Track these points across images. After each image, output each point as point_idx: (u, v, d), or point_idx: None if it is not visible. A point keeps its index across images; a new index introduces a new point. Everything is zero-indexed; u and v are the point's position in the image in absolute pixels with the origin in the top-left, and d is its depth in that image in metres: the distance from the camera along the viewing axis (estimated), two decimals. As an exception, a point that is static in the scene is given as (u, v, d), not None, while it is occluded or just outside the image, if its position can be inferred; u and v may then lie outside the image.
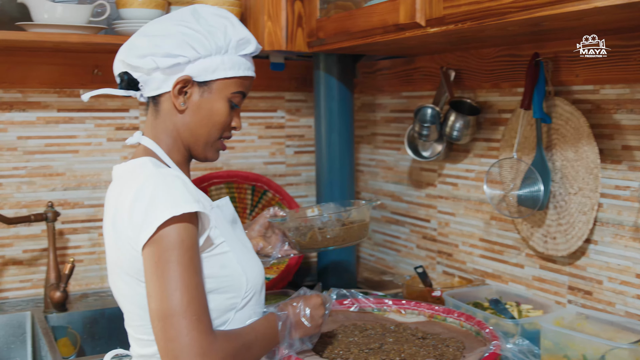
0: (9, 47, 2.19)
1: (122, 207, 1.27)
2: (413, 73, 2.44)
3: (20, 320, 2.18)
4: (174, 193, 1.23)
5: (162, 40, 1.32)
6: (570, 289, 1.90)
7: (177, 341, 1.17)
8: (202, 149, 1.41)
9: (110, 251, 1.34)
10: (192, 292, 1.20)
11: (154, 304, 1.20)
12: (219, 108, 1.37)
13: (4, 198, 2.32)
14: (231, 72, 1.36)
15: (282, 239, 1.72)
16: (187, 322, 1.18)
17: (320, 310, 1.46)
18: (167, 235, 1.20)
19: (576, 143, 1.81)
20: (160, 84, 1.35)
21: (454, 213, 2.30)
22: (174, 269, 1.20)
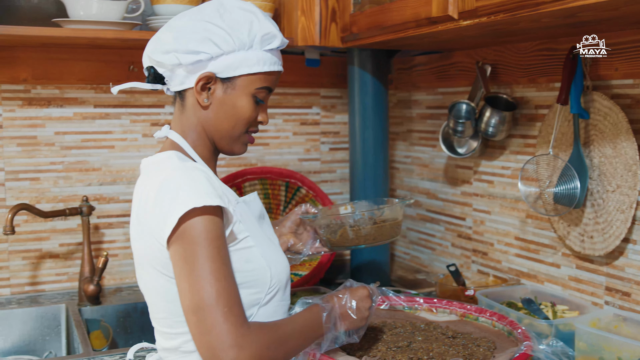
0: (46, 43, 2.22)
1: (147, 200, 1.28)
2: (449, 68, 2.40)
3: (55, 312, 2.22)
4: (196, 186, 1.23)
5: (185, 36, 1.32)
6: (607, 290, 1.84)
7: (211, 333, 1.17)
8: (227, 144, 1.40)
9: (135, 243, 1.35)
10: (222, 283, 1.20)
11: (185, 299, 1.20)
12: (243, 104, 1.36)
13: (41, 192, 2.36)
14: (255, 67, 1.34)
15: (313, 236, 1.70)
16: (219, 313, 1.17)
17: (367, 302, 1.43)
18: (192, 229, 1.20)
19: (614, 139, 1.75)
20: (183, 79, 1.35)
21: (489, 211, 2.26)
22: (202, 262, 1.19)
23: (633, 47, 1.73)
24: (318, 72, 2.73)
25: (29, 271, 2.36)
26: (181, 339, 1.32)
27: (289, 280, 1.44)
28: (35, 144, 2.34)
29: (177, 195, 1.22)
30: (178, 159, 1.32)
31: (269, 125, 2.67)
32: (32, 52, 2.30)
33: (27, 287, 2.36)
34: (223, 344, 1.16)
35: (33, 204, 2.33)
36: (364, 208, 1.80)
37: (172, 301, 1.30)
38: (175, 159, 1.31)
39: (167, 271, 1.28)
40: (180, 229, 1.21)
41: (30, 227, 2.35)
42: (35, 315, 2.20)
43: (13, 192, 2.32)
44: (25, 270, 2.36)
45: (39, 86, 2.34)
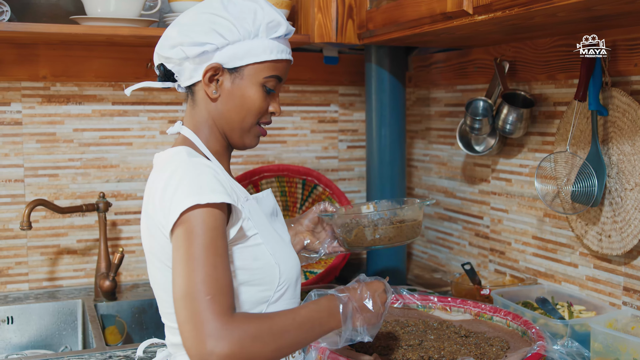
0: (65, 41, 2.24)
1: (154, 195, 1.28)
2: (467, 65, 2.38)
3: (71, 307, 2.23)
4: (201, 181, 1.22)
5: (191, 29, 1.32)
6: (625, 290, 1.81)
7: (192, 321, 1.13)
8: (238, 136, 1.39)
9: (145, 238, 1.35)
10: (210, 271, 1.16)
11: (175, 286, 1.18)
12: (252, 94, 1.35)
13: (59, 189, 2.38)
14: (262, 56, 1.33)
15: (331, 235, 1.67)
16: (201, 302, 1.13)
17: (383, 296, 1.36)
18: (190, 220, 1.19)
19: (633, 136, 1.71)
20: (191, 73, 1.34)
21: (507, 210, 2.23)
22: (194, 250, 1.17)
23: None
24: (336, 69, 2.72)
25: (47, 267, 2.38)
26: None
27: (299, 278, 1.42)
28: (54, 140, 2.36)
29: (181, 191, 1.21)
30: (187, 154, 1.31)
31: (287, 122, 2.66)
32: (52, 50, 2.33)
33: (45, 283, 2.38)
34: (201, 334, 1.11)
35: (51, 200, 2.35)
36: (385, 208, 1.76)
37: None
38: (184, 154, 1.30)
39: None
40: (180, 220, 1.20)
41: (48, 223, 2.37)
42: (52, 310, 2.22)
43: (32, 188, 2.34)
44: (44, 265, 2.38)
45: (58, 83, 2.36)
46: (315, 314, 1.26)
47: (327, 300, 1.29)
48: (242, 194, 1.37)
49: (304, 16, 2.25)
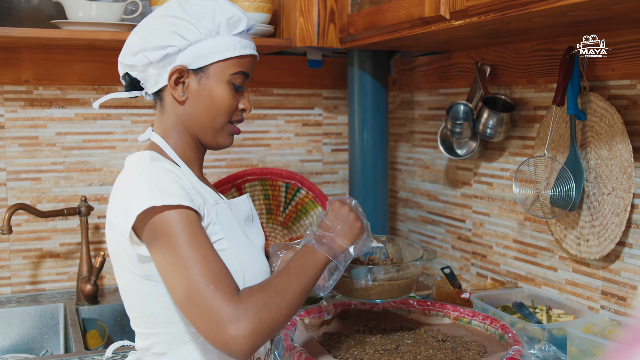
0: (47, 45, 2.24)
1: (116, 198, 1.28)
2: (449, 69, 2.38)
3: (53, 311, 2.23)
4: (159, 185, 1.22)
5: (151, 34, 1.31)
6: (603, 294, 1.81)
7: (205, 316, 1.16)
8: (211, 137, 1.37)
9: (108, 240, 1.34)
10: (203, 264, 1.18)
11: (175, 292, 1.20)
12: (220, 92, 1.34)
13: (42, 192, 2.37)
14: (226, 53, 1.32)
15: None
16: (207, 295, 1.16)
17: (344, 208, 1.41)
18: (161, 224, 1.20)
19: (610, 141, 1.72)
20: (156, 78, 1.33)
21: (488, 213, 2.24)
22: (179, 251, 1.18)
23: (630, 47, 1.70)
24: (320, 73, 2.72)
25: (29, 270, 2.38)
26: (153, 340, 1.32)
27: None
28: (37, 144, 2.36)
29: (140, 194, 1.21)
30: (150, 158, 1.30)
31: (271, 126, 2.67)
32: (34, 54, 2.32)
33: (28, 286, 2.38)
34: (218, 323, 1.15)
35: (34, 204, 2.35)
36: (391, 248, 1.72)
37: (141, 300, 1.29)
38: (147, 158, 1.29)
39: (136, 269, 1.28)
40: (150, 227, 1.20)
41: (31, 226, 2.37)
42: (34, 314, 2.22)
43: (14, 192, 2.34)
44: (26, 269, 2.38)
45: (41, 87, 2.35)
46: (301, 261, 1.31)
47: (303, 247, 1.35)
48: (211, 197, 1.36)
49: (285, 20, 2.25)
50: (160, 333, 1.30)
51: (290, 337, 1.60)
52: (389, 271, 1.59)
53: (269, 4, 2.20)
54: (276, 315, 1.20)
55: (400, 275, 1.60)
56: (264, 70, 2.60)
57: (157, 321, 1.29)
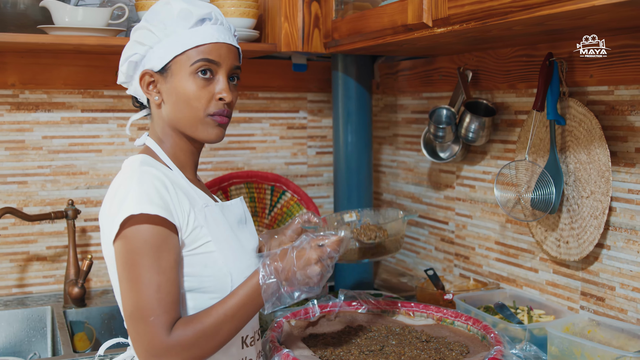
0: (33, 49, 2.25)
1: (107, 201, 1.33)
2: (433, 74, 2.42)
3: (40, 314, 2.24)
4: (141, 193, 1.26)
5: (123, 51, 1.42)
6: (582, 295, 1.86)
7: (138, 339, 1.25)
8: (198, 130, 1.38)
9: (102, 242, 1.39)
10: (150, 293, 1.23)
11: (124, 303, 1.27)
12: (187, 85, 1.35)
13: (29, 196, 2.38)
14: (181, 47, 1.34)
15: None
16: (143, 324, 1.23)
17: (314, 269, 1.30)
18: (133, 237, 1.24)
19: (589, 145, 1.77)
20: (136, 86, 1.42)
21: (471, 215, 2.28)
22: (137, 271, 1.24)
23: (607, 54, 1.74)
24: (305, 76, 2.75)
25: (16, 273, 2.39)
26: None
27: None
28: (23, 147, 2.37)
29: (124, 202, 1.26)
30: (140, 163, 1.34)
31: (256, 129, 2.69)
32: (20, 58, 2.33)
33: (15, 289, 2.39)
34: (148, 352, 1.24)
35: (21, 207, 2.36)
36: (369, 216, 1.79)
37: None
38: (137, 163, 1.35)
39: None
40: (122, 234, 1.25)
41: (17, 229, 2.38)
42: (21, 317, 2.23)
43: (1, 196, 2.35)
44: (13, 272, 2.38)
45: (27, 91, 2.36)
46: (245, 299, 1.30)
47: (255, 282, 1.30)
48: (201, 200, 1.39)
49: (270, 25, 2.28)
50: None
51: (277, 338, 1.62)
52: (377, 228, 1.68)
53: (254, 9, 2.22)
54: (203, 353, 1.27)
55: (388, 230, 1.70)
56: (250, 74, 2.62)
57: None
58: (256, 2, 2.23)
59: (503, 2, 1.42)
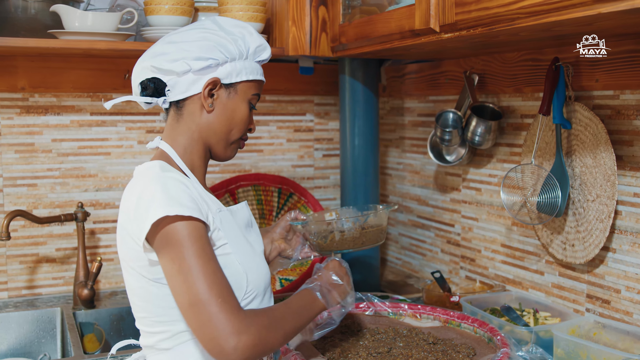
0: (43, 53, 2.27)
1: (129, 207, 1.35)
2: (439, 77, 2.44)
3: (50, 316, 2.26)
4: (171, 195, 1.30)
5: (190, 46, 1.41)
6: (588, 297, 1.87)
7: (210, 325, 1.24)
8: (222, 148, 1.49)
9: (119, 247, 1.42)
10: (212, 277, 1.26)
11: (180, 297, 1.27)
12: (242, 109, 1.47)
13: (38, 198, 2.41)
14: (251, 75, 1.47)
15: (302, 241, 1.80)
16: (214, 305, 1.24)
17: (342, 269, 1.57)
18: (175, 233, 1.27)
19: (594, 149, 1.78)
20: (189, 86, 1.42)
21: (477, 218, 2.29)
22: (189, 261, 1.26)
23: (613, 59, 1.76)
24: (312, 79, 2.77)
25: (26, 275, 2.41)
26: (157, 337, 1.39)
27: (268, 287, 1.49)
28: (33, 150, 2.39)
29: (152, 203, 1.28)
30: (160, 168, 1.37)
31: (263, 132, 2.71)
32: (30, 62, 2.35)
33: (24, 291, 2.41)
34: (223, 332, 1.23)
35: (30, 209, 2.38)
36: (349, 214, 1.88)
37: (150, 301, 1.37)
38: (157, 168, 1.37)
39: (146, 273, 1.35)
40: (162, 235, 1.28)
41: (27, 232, 2.40)
42: (31, 319, 2.25)
43: (11, 198, 2.37)
44: (23, 274, 2.41)
45: (37, 94, 2.39)
46: (302, 302, 1.45)
47: (305, 291, 1.48)
48: (215, 205, 1.43)
49: (278, 29, 2.30)
50: (165, 331, 1.37)
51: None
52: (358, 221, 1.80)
53: (262, 13, 2.24)
54: (274, 339, 1.31)
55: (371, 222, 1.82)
56: (257, 77, 2.64)
57: (163, 320, 1.37)
58: (264, 7, 2.25)
59: (510, 9, 1.43)
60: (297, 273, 2.49)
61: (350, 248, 1.79)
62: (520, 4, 1.39)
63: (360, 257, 2.47)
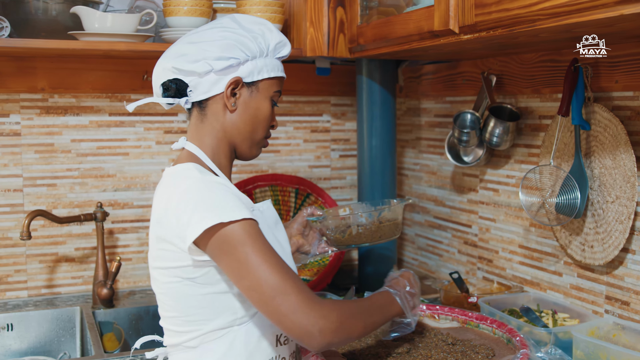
0: (62, 54, 2.29)
1: (168, 208, 1.35)
2: (456, 78, 2.44)
3: (70, 315, 2.28)
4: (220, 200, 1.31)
5: (210, 46, 1.41)
6: (607, 299, 1.87)
7: (294, 313, 1.26)
8: (248, 147, 1.50)
9: (152, 245, 1.42)
10: (281, 270, 1.28)
11: (256, 294, 1.28)
12: (265, 107, 1.48)
13: (57, 198, 2.43)
14: (272, 72, 1.48)
15: (319, 236, 1.82)
16: (293, 295, 1.26)
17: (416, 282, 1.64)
18: (232, 237, 1.28)
19: (614, 150, 1.78)
20: (211, 86, 1.43)
21: (494, 219, 2.29)
22: (256, 258, 1.28)
23: (633, 60, 1.75)
24: (328, 80, 2.78)
25: (45, 274, 2.44)
26: (186, 336, 1.41)
27: None
28: (52, 151, 2.41)
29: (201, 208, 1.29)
30: (198, 171, 1.38)
31: (280, 132, 2.72)
32: (50, 63, 2.38)
33: (44, 290, 2.43)
34: (309, 318, 1.26)
35: (50, 209, 2.40)
36: (362, 209, 1.90)
37: (182, 301, 1.38)
38: (195, 171, 1.38)
39: (184, 273, 1.36)
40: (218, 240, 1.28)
41: (47, 231, 2.42)
42: (50, 317, 2.27)
43: (31, 198, 2.39)
44: (42, 273, 2.43)
45: (56, 95, 2.41)
46: (383, 302, 1.51)
47: (386, 293, 1.54)
48: (249, 205, 1.44)
49: (296, 30, 2.31)
50: (195, 330, 1.39)
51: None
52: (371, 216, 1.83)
53: (280, 14, 2.25)
54: (354, 327, 1.34)
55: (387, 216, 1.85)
56: (274, 78, 2.65)
57: (194, 320, 1.38)
58: (282, 8, 2.26)
59: (531, 10, 1.43)
60: (314, 273, 2.50)
61: (367, 242, 1.82)
62: (541, 6, 1.39)
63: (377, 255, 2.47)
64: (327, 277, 2.40)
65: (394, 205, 1.86)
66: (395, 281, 1.60)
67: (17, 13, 2.11)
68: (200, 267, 1.35)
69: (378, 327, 1.46)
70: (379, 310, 1.46)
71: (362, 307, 1.41)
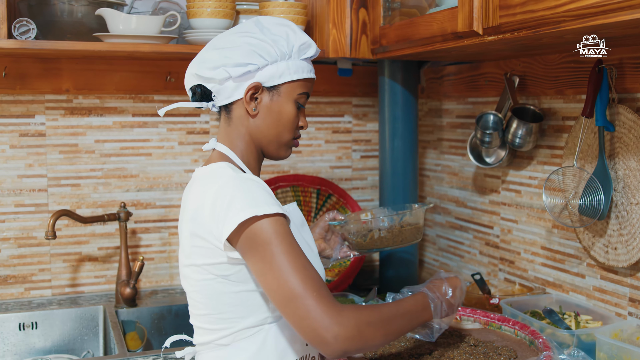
0: (87, 56, 2.32)
1: (204, 205, 1.36)
2: (478, 79, 2.43)
3: (93, 313, 2.31)
4: (254, 195, 1.32)
5: (231, 52, 1.42)
6: (631, 301, 1.86)
7: (310, 317, 1.26)
8: (274, 149, 1.50)
9: (185, 243, 1.43)
10: (304, 272, 1.29)
11: (275, 294, 1.30)
12: (288, 110, 1.47)
13: (81, 198, 2.45)
14: (296, 75, 1.46)
15: (340, 241, 1.81)
16: (311, 299, 1.27)
17: (461, 291, 1.58)
18: (261, 233, 1.29)
19: (638, 152, 1.77)
20: (231, 92, 1.44)
21: (516, 220, 2.28)
22: (280, 258, 1.29)
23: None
24: (350, 81, 2.79)
25: (69, 273, 2.46)
26: (218, 334, 1.42)
27: None
28: (77, 151, 2.44)
29: (237, 204, 1.31)
30: (232, 169, 1.40)
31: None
32: (74, 64, 2.40)
33: (67, 289, 2.46)
34: (323, 323, 1.26)
35: (74, 209, 2.43)
36: (384, 214, 1.91)
37: (215, 298, 1.39)
38: (229, 169, 1.40)
39: (216, 270, 1.37)
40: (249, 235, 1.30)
41: (70, 231, 2.45)
42: (74, 316, 2.30)
43: (55, 198, 2.42)
44: (66, 272, 2.46)
45: (80, 96, 2.43)
46: (413, 307, 1.46)
47: (422, 296, 1.50)
48: None
49: (318, 31, 2.31)
50: (227, 328, 1.40)
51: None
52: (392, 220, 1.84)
53: (303, 15, 2.26)
54: (373, 336, 1.32)
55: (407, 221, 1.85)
56: (295, 79, 2.66)
57: (227, 317, 1.40)
58: (304, 9, 2.27)
59: (556, 12, 1.43)
60: (335, 274, 2.51)
61: (389, 246, 1.83)
62: (566, 7, 1.39)
63: (398, 256, 2.47)
64: (349, 278, 2.41)
65: (415, 210, 1.87)
66: (438, 284, 1.56)
67: (43, 15, 2.14)
68: (234, 264, 1.36)
69: (403, 334, 1.43)
70: (407, 317, 1.43)
71: (386, 314, 1.37)
